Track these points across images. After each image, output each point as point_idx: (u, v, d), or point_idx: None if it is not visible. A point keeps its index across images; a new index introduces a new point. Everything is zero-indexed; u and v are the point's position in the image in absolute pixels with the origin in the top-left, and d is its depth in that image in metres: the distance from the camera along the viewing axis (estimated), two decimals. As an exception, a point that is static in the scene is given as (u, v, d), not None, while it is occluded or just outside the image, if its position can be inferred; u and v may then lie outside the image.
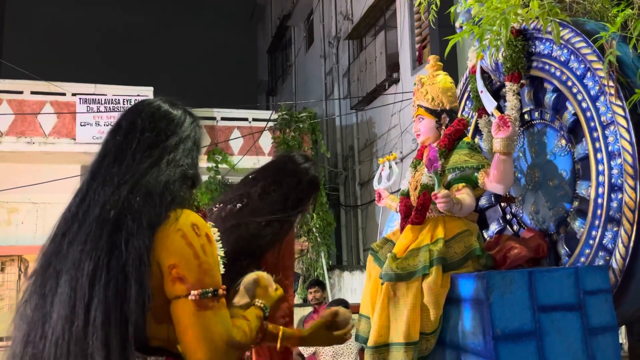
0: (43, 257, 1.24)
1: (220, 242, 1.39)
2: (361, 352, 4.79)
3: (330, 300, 7.29)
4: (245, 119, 11.10)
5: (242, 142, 10.83)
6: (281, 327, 1.73)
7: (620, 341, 5.36)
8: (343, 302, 4.91)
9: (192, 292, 1.18)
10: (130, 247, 1.15)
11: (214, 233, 1.33)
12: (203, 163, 10.26)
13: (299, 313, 6.61)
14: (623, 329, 4.90)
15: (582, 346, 2.09)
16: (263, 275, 1.50)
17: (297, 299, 9.82)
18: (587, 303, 2.12)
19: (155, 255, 1.20)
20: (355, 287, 9.87)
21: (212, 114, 10.92)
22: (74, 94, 9.92)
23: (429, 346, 2.32)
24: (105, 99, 9.83)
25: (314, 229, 10.44)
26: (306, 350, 5.24)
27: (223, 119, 10.99)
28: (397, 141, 9.22)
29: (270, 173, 2.11)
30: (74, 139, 9.70)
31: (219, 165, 10.46)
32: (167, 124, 1.35)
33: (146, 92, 10.00)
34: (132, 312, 1.13)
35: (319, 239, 10.53)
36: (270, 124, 10.82)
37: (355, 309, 2.77)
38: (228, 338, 1.20)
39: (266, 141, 10.93)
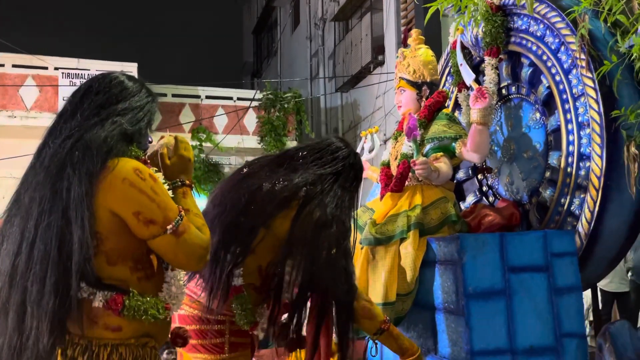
0: (7, 205, 1.41)
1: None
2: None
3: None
4: (230, 98, 11.05)
5: (226, 120, 10.79)
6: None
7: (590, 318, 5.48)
8: None
9: (167, 227, 1.37)
10: (71, 194, 1.31)
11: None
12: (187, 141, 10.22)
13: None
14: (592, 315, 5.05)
15: (547, 305, 2.21)
16: (181, 139, 1.58)
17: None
18: (554, 265, 2.24)
19: (103, 203, 1.34)
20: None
21: (197, 92, 10.85)
22: (56, 68, 9.76)
23: (405, 307, 2.43)
24: (88, 74, 9.65)
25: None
26: None
27: (208, 97, 10.93)
28: (382, 123, 9.29)
29: (326, 162, 1.96)
30: (56, 113, 9.59)
31: (203, 144, 10.44)
32: (120, 91, 1.47)
33: (130, 68, 9.84)
34: (75, 252, 1.29)
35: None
36: (255, 103, 10.80)
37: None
38: (205, 242, 1.44)
39: (251, 120, 10.91)
